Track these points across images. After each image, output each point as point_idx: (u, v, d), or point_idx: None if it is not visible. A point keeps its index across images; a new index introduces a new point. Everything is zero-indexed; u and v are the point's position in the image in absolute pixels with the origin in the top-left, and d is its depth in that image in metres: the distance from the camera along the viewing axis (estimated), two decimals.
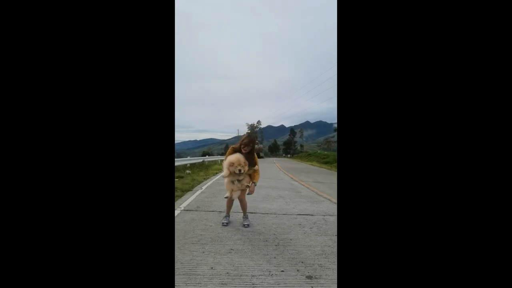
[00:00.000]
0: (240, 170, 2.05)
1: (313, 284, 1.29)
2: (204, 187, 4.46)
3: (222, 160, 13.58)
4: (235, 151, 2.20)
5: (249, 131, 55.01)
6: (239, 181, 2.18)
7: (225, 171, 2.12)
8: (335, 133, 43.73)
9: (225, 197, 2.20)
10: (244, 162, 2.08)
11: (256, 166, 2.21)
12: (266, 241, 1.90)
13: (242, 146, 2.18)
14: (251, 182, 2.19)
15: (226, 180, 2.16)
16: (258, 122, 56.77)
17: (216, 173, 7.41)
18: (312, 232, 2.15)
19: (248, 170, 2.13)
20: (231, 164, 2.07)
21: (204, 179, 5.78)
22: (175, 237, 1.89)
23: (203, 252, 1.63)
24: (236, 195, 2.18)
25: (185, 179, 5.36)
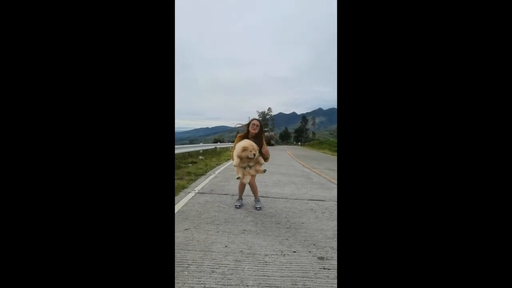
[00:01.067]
0: (254, 154, 2.09)
1: (325, 265, 1.31)
2: (216, 172, 4.57)
3: (233, 147, 13.93)
4: (243, 138, 2.26)
5: (259, 119, 54.81)
6: (250, 166, 2.22)
7: (235, 160, 2.16)
8: None
9: (237, 178, 2.24)
10: (255, 147, 2.12)
11: (264, 149, 2.26)
12: (278, 223, 1.94)
13: (250, 128, 2.25)
14: (262, 167, 2.24)
15: (236, 167, 2.20)
16: (269, 109, 56.18)
17: (228, 159, 7.53)
18: (324, 217, 2.16)
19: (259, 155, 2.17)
20: (245, 149, 2.11)
21: (217, 164, 5.91)
22: (190, 216, 1.97)
23: (218, 232, 1.70)
24: (247, 179, 2.23)
25: (199, 165, 5.51)
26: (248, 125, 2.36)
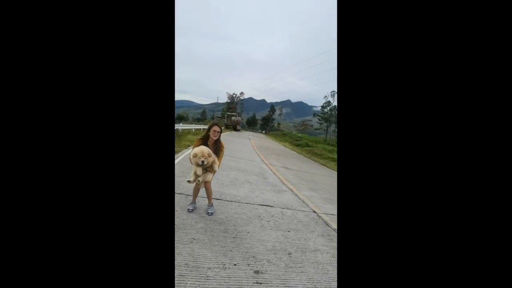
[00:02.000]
0: (203, 162, 2.17)
1: (258, 279, 1.54)
2: (175, 162, 4.47)
3: (196, 129, 13.06)
4: (202, 141, 2.37)
5: (228, 101, 53.60)
6: (207, 170, 2.30)
7: (192, 172, 2.24)
8: (313, 117, 45.07)
9: (188, 181, 2.27)
10: (208, 154, 2.21)
11: (216, 163, 2.34)
12: (226, 232, 2.11)
13: (211, 134, 2.35)
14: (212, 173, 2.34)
15: (193, 169, 2.26)
16: (241, 93, 55.04)
17: (189, 145, 7.33)
18: (269, 226, 2.43)
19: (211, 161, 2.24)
20: (194, 155, 2.20)
21: (175, 152, 5.73)
22: None
23: None
24: (200, 179, 2.29)
25: None
26: (209, 128, 2.40)
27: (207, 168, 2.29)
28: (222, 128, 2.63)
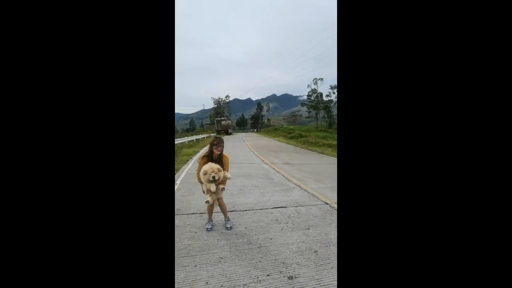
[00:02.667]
0: (214, 177, 2.20)
1: (294, 284, 1.58)
2: (178, 182, 4.44)
3: (189, 141, 12.90)
4: (207, 158, 2.38)
5: (215, 106, 53.33)
6: (223, 189, 2.33)
7: (204, 188, 2.24)
8: (301, 107, 45.41)
9: (206, 202, 2.32)
10: (218, 169, 2.25)
11: (227, 173, 2.37)
12: (250, 243, 2.14)
13: (213, 148, 2.36)
14: (222, 186, 2.36)
15: (204, 187, 2.27)
16: (227, 96, 54.93)
17: (187, 160, 7.28)
18: (288, 228, 2.47)
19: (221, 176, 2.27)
20: (205, 173, 2.22)
21: (176, 170, 5.68)
22: None
23: (195, 266, 1.78)
24: (215, 197, 2.33)
25: None
26: (212, 144, 2.40)
27: (220, 182, 2.30)
28: (213, 134, 2.64)
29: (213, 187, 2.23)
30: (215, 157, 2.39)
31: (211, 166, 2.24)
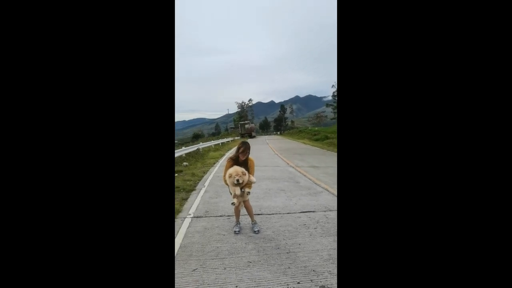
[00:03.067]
0: (238, 180, 2.22)
1: None
2: (206, 184, 4.58)
3: (215, 145, 13.41)
4: (233, 161, 2.42)
5: (239, 110, 54.48)
6: (248, 193, 2.35)
7: (232, 194, 2.29)
8: (325, 108, 44.00)
9: (232, 203, 2.34)
10: (243, 172, 2.27)
11: (252, 177, 2.38)
12: (278, 248, 2.09)
13: (239, 154, 2.40)
14: (248, 190, 2.38)
15: (231, 190, 2.30)
16: (250, 100, 55.94)
17: (214, 163, 7.51)
18: (317, 233, 2.37)
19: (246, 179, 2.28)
20: (230, 176, 2.27)
21: (203, 172, 5.89)
22: (194, 251, 2.04)
23: (225, 269, 1.80)
24: (240, 199, 2.35)
25: (185, 175, 5.44)
26: (238, 149, 2.43)
27: (245, 186, 2.32)
28: (238, 137, 2.66)
29: (237, 190, 2.25)
30: (241, 160, 2.42)
31: (235, 169, 2.27)
